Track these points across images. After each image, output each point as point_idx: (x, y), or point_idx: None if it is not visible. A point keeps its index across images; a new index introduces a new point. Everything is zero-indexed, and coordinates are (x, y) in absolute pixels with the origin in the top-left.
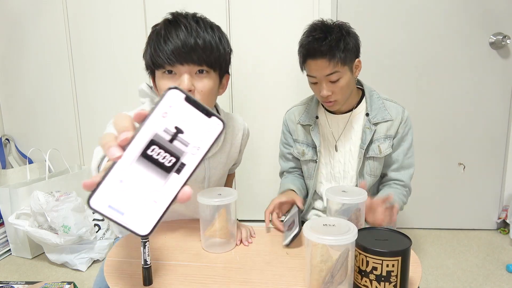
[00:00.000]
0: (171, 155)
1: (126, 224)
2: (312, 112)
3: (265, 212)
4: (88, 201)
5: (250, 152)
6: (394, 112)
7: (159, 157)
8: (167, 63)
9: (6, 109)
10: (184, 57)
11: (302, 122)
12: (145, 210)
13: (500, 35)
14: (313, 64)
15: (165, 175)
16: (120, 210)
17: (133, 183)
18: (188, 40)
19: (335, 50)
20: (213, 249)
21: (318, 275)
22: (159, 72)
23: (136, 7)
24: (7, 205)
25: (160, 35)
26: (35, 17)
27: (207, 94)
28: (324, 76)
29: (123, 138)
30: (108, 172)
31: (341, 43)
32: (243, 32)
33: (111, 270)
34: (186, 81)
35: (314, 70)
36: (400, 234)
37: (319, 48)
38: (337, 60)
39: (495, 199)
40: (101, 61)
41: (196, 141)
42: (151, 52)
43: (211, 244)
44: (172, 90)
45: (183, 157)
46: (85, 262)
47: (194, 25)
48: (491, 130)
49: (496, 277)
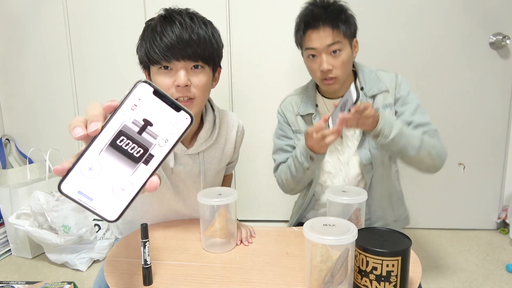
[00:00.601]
0: (139, 146)
1: (95, 209)
2: (311, 101)
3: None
4: (59, 186)
5: (250, 152)
6: (387, 80)
7: (128, 148)
8: (164, 59)
9: (6, 109)
10: (180, 53)
11: (302, 112)
12: (113, 197)
13: (500, 35)
14: (314, 33)
15: (133, 165)
16: (89, 196)
17: (102, 171)
18: (184, 36)
19: (337, 20)
20: (213, 249)
21: (318, 275)
22: (154, 68)
23: (136, 7)
24: (7, 205)
25: (155, 31)
26: (35, 17)
27: (203, 89)
28: (326, 46)
29: (94, 130)
30: (78, 160)
31: (342, 14)
32: (243, 32)
33: (111, 270)
34: (183, 77)
35: (315, 40)
36: (400, 234)
37: (322, 15)
38: (340, 29)
39: (495, 199)
40: (101, 61)
41: (165, 134)
42: (147, 48)
43: (211, 244)
44: (141, 83)
45: (151, 149)
46: (85, 262)
47: (188, 21)
48: (491, 130)
49: (496, 277)
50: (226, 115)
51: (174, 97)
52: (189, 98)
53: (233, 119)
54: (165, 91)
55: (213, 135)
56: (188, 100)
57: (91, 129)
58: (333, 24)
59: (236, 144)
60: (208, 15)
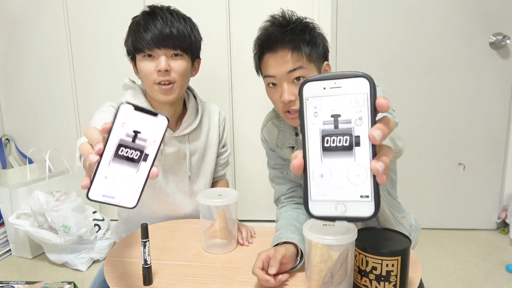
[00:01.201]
0: (136, 150)
1: (118, 203)
2: (289, 131)
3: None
4: (87, 196)
5: (250, 153)
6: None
7: (128, 154)
8: (147, 48)
9: (6, 109)
10: (161, 43)
11: (281, 146)
12: (128, 191)
13: (500, 35)
14: (271, 58)
15: (136, 165)
16: (111, 195)
17: (114, 176)
18: (164, 29)
19: (298, 40)
20: (213, 250)
21: (318, 275)
22: (139, 56)
23: (136, 7)
24: (7, 205)
25: (140, 24)
26: (35, 17)
27: (182, 74)
28: (286, 72)
29: (98, 149)
30: (95, 173)
31: (305, 34)
32: (243, 32)
33: (111, 270)
34: (163, 62)
35: (273, 66)
36: (400, 234)
37: (279, 35)
38: (302, 52)
39: (495, 199)
40: (101, 61)
41: (152, 136)
42: (132, 40)
43: (211, 244)
44: (123, 105)
45: (145, 150)
46: (85, 262)
47: (168, 16)
48: (491, 130)
49: (496, 277)
50: (208, 104)
51: (156, 82)
52: (169, 82)
53: (214, 107)
54: (148, 75)
55: (196, 120)
56: (168, 84)
57: (96, 150)
58: (293, 44)
59: (220, 130)
60: (208, 15)
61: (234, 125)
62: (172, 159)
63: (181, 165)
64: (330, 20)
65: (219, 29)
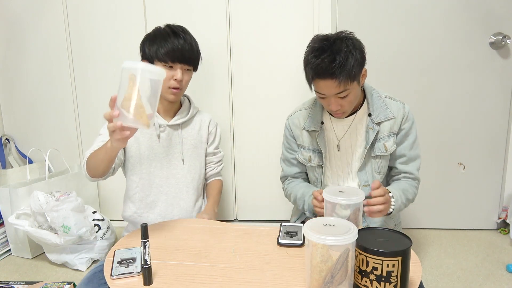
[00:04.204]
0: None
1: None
2: (317, 117)
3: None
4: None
5: (251, 152)
6: (395, 109)
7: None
8: (170, 61)
9: (6, 109)
10: (181, 59)
11: (308, 128)
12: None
13: (500, 35)
14: (321, 83)
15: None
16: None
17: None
18: (185, 46)
19: (344, 71)
20: (126, 123)
21: (318, 275)
22: (159, 63)
23: (136, 7)
24: (7, 205)
25: (165, 39)
26: (35, 17)
27: (187, 84)
28: (334, 94)
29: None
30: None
31: (349, 61)
32: (243, 33)
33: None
34: (180, 75)
35: (323, 89)
36: (400, 234)
37: (328, 70)
38: (347, 79)
39: (495, 199)
40: (101, 61)
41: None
42: (158, 49)
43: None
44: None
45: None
46: (85, 262)
47: (185, 36)
48: (491, 130)
49: (496, 277)
50: (201, 112)
51: (171, 86)
52: (179, 89)
53: (206, 115)
54: (165, 81)
55: (189, 114)
56: (177, 89)
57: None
58: (340, 76)
59: (210, 128)
60: (208, 16)
61: (234, 125)
62: (165, 144)
63: (174, 153)
64: (330, 20)
65: (219, 29)
